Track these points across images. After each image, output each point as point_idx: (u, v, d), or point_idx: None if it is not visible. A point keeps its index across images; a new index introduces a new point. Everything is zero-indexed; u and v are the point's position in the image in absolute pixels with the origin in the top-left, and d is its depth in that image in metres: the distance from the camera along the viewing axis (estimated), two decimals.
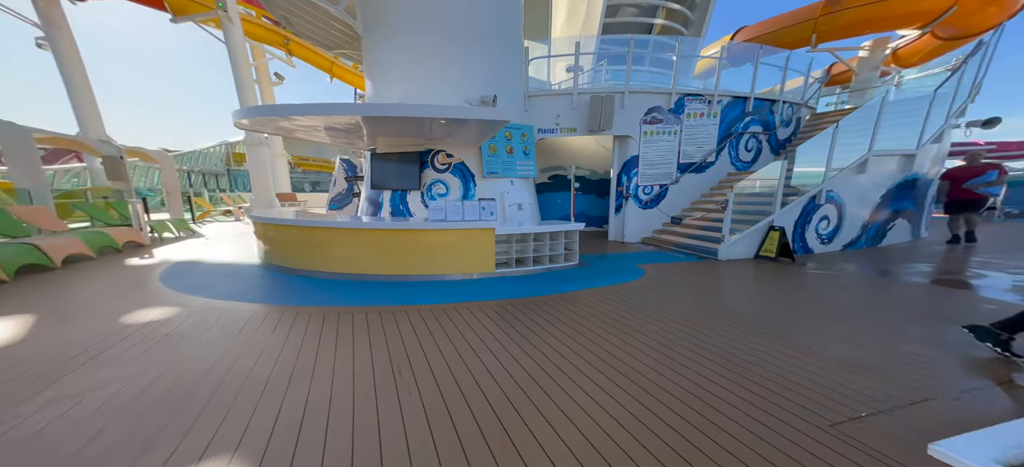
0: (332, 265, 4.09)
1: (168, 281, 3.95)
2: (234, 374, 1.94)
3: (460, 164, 5.45)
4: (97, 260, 5.01)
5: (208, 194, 17.62)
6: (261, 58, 14.07)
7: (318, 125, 4.73)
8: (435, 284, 3.83)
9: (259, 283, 3.91)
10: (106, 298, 3.29)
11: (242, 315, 2.86)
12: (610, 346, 2.35)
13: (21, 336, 2.43)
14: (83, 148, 8.36)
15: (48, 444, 1.40)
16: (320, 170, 25.29)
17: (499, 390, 1.83)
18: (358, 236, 4.01)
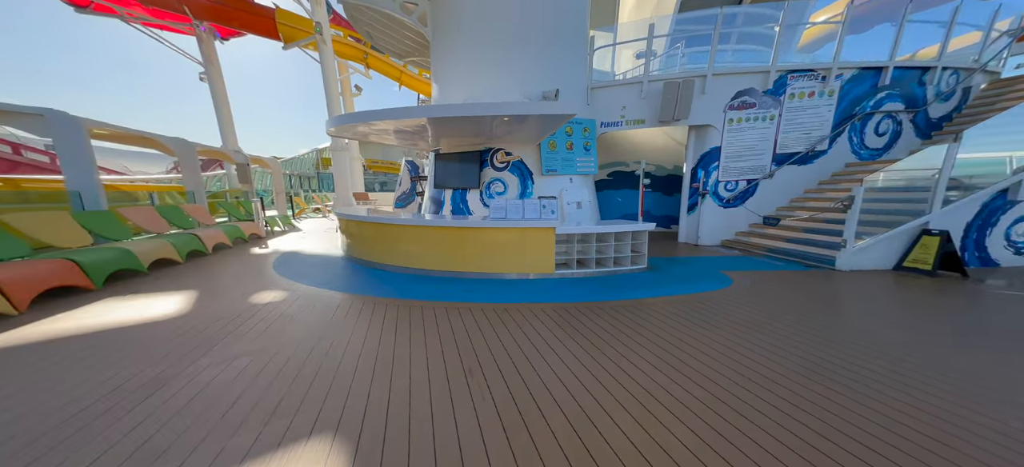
0: (402, 260, 4.36)
1: (279, 268, 4.66)
2: (330, 358, 2.13)
3: (518, 162, 5.37)
4: (232, 248, 6.19)
5: (303, 194, 20.97)
6: (345, 73, 16.06)
7: (391, 128, 5.09)
8: (495, 282, 3.81)
9: (343, 274, 4.35)
10: (239, 281, 3.99)
11: (332, 303, 3.19)
12: (692, 361, 2.04)
13: (190, 307, 3.07)
14: (224, 157, 10.50)
15: (208, 403, 1.68)
16: (387, 171, 28.16)
17: (570, 397, 1.72)
18: (424, 233, 4.20)
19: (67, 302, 3.11)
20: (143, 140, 6.41)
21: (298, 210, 15.96)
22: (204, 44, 12.70)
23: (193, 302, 3.16)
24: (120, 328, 2.55)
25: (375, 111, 4.38)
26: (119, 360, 2.07)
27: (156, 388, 1.78)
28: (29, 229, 3.68)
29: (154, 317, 2.79)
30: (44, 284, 3.05)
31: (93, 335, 2.43)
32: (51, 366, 2.00)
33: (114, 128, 5.45)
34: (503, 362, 2.07)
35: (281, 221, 9.91)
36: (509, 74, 5.28)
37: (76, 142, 4.72)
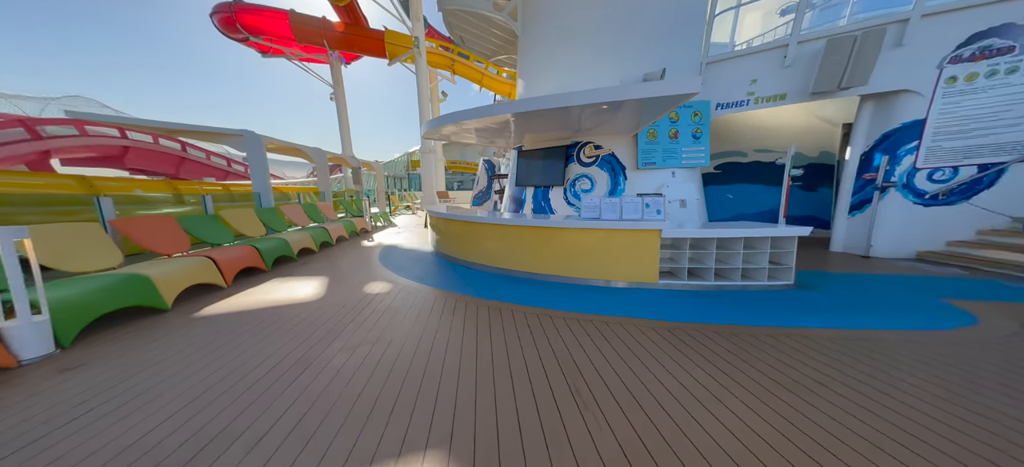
0: (487, 259, 4.39)
1: (383, 260, 5.25)
2: (435, 356, 2.17)
3: (609, 156, 4.82)
4: (349, 241, 7.32)
5: (397, 193, 24.19)
6: (434, 80, 17.78)
7: (479, 127, 5.15)
8: (586, 289, 3.47)
9: (434, 270, 4.64)
10: (355, 271, 4.61)
11: (429, 299, 3.37)
12: (913, 427, 1.32)
13: (323, 292, 3.66)
14: (344, 162, 12.68)
15: (341, 389, 1.84)
16: (464, 171, 30.40)
17: (715, 446, 1.33)
18: (510, 233, 4.10)
19: (250, 281, 3.99)
20: (293, 150, 8.06)
21: (393, 207, 18.36)
22: (334, 69, 15.67)
23: (325, 288, 3.73)
24: (281, 307, 3.12)
25: (468, 110, 4.46)
26: (281, 336, 2.49)
27: (304, 367, 2.04)
28: (233, 221, 4.89)
29: (301, 298, 3.34)
30: (241, 264, 3.96)
31: (266, 311, 3.02)
32: (242, 334, 2.52)
33: (278, 141, 6.96)
34: (615, 387, 1.77)
35: (382, 217, 11.43)
36: (604, 57, 4.79)
37: (258, 154, 6.14)
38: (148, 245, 3.46)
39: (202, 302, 3.18)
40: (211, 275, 3.51)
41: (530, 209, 5.75)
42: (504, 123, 4.79)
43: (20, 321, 1.92)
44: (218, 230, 4.50)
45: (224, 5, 13.66)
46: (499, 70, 17.07)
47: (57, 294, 2.20)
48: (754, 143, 6.27)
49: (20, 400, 1.69)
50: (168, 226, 3.84)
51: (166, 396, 1.74)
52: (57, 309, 2.13)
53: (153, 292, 2.82)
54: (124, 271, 2.79)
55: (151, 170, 10.54)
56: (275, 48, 14.99)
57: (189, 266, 3.29)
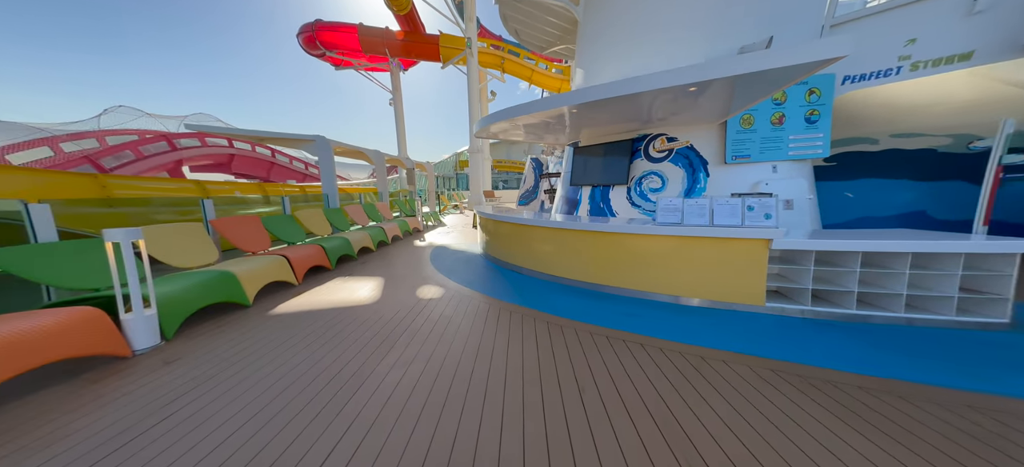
0: (541, 264, 4.09)
1: (434, 261, 5.29)
2: (494, 382, 1.95)
3: (686, 149, 4.12)
4: (403, 240, 7.65)
5: (446, 192, 25.31)
6: (483, 80, 18.07)
7: (533, 122, 4.83)
8: (664, 308, 2.95)
9: (485, 274, 4.49)
10: (409, 271, 4.69)
11: (482, 308, 3.20)
12: None
13: (379, 294, 3.74)
14: (399, 163, 13.51)
15: (396, 412, 1.72)
16: (508, 170, 30.59)
17: None
18: (567, 237, 3.75)
19: (317, 279, 4.28)
20: (357, 153, 8.69)
21: (442, 207, 19.16)
22: (393, 76, 16.88)
23: (382, 290, 3.80)
24: (342, 309, 3.21)
25: (525, 104, 4.17)
26: (341, 342, 2.50)
27: (360, 383, 1.96)
28: (305, 221, 5.36)
29: (360, 300, 3.42)
30: (310, 262, 4.27)
31: (329, 313, 3.13)
32: (308, 337, 2.60)
33: (344, 144, 7.54)
34: (736, 455, 1.30)
35: (433, 217, 11.88)
36: (685, 33, 4.09)
37: (327, 157, 6.70)
38: (237, 243, 3.90)
39: (276, 299, 3.45)
40: (285, 273, 3.81)
41: (586, 210, 5.30)
42: (560, 117, 4.43)
43: (135, 315, 2.19)
44: (293, 229, 4.95)
45: (307, 26, 15.55)
46: (550, 65, 16.63)
47: (162, 290, 2.50)
48: (890, 126, 4.77)
49: (135, 391, 1.88)
50: (253, 226, 4.30)
51: (242, 401, 1.78)
52: (163, 304, 2.40)
53: (239, 289, 3.11)
54: (217, 268, 3.13)
55: (250, 174, 12.53)
56: (345, 60, 16.65)
57: (267, 264, 3.60)
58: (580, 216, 5.31)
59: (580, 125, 4.88)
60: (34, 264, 2.12)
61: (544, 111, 3.98)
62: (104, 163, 8.20)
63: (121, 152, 8.39)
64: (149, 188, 4.96)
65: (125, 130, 9.03)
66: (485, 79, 17.82)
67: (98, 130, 8.96)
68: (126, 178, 4.68)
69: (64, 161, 7.63)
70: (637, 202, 4.42)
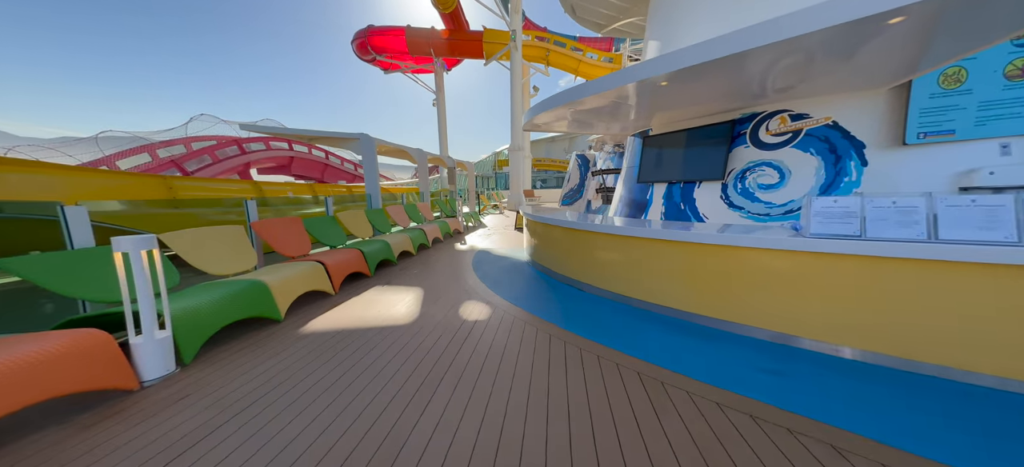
0: (608, 281, 3.28)
1: (477, 269, 4.75)
2: (555, 430, 1.24)
3: (825, 129, 2.94)
4: (443, 242, 7.30)
5: (486, 192, 25.17)
6: (526, 75, 17.45)
7: (598, 106, 4.01)
8: (827, 364, 1.96)
9: (534, 287, 3.83)
10: (450, 282, 4.19)
11: (534, 339, 2.53)
12: None
13: (418, 311, 3.29)
14: (441, 163, 13.45)
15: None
16: (547, 169, 29.62)
17: None
18: (652, 250, 2.88)
19: (354, 287, 3.94)
20: (399, 152, 8.57)
21: (482, 207, 18.92)
22: (437, 77, 17.05)
23: (420, 305, 3.31)
24: (379, 330, 2.75)
25: (591, 83, 3.36)
26: (377, 377, 1.98)
27: (398, 447, 1.41)
28: (347, 223, 5.16)
29: (398, 318, 2.94)
30: (348, 269, 3.96)
31: (365, 334, 2.68)
32: (341, 366, 2.13)
33: (387, 143, 7.39)
34: None
35: (473, 217, 11.53)
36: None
37: (370, 156, 6.55)
38: (278, 247, 3.69)
39: (310, 312, 3.11)
40: (321, 282, 3.51)
41: (660, 213, 4.32)
42: (625, 100, 3.56)
43: (146, 338, 1.89)
44: (334, 232, 4.74)
45: (360, 32, 16.33)
46: (599, 53, 15.42)
47: (183, 305, 2.21)
48: None
49: (135, 439, 1.52)
50: (295, 228, 4.11)
51: (254, 463, 1.33)
52: (181, 323, 2.10)
53: (270, 302, 2.80)
54: (249, 277, 2.86)
55: (307, 175, 13.47)
56: (393, 64, 17.20)
57: (303, 273, 3.30)
58: (650, 220, 4.35)
59: (652, 108, 3.93)
60: (52, 273, 1.92)
61: (617, 88, 3.14)
62: (187, 166, 9.27)
63: (201, 156, 9.44)
64: (211, 189, 5.14)
65: (205, 136, 10.21)
66: (527, 73, 17.15)
67: (186, 137, 10.23)
68: (191, 179, 4.87)
69: (156, 165, 8.78)
70: (738, 203, 3.35)
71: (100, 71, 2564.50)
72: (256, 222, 3.65)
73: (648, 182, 4.56)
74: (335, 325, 2.82)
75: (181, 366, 2.10)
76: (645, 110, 4.06)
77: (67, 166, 3.43)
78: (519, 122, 14.32)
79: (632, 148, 5.27)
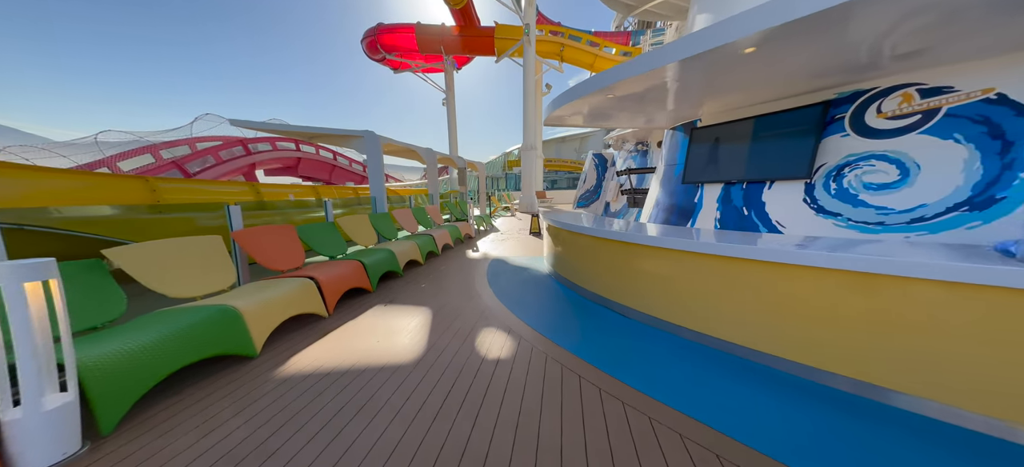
0: (660, 308, 2.59)
1: (493, 283, 4.12)
2: None
3: (985, 104, 2.06)
4: (453, 248, 6.70)
5: (496, 193, 24.58)
6: (539, 72, 16.83)
7: (636, 92, 3.32)
8: None
9: (562, 309, 3.19)
10: (463, 299, 3.58)
11: (588, 394, 1.86)
12: None
13: (426, 342, 2.70)
14: (451, 163, 12.91)
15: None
16: (557, 169, 28.92)
17: None
18: (747, 271, 2.16)
19: (353, 307, 3.35)
20: (408, 151, 8.03)
21: (492, 209, 18.31)
22: (447, 75, 16.60)
23: (430, 333, 2.68)
24: (378, 370, 2.13)
25: (633, 61, 2.67)
26: (370, 449, 1.33)
27: None
28: (348, 229, 4.61)
29: (403, 353, 2.32)
30: (346, 285, 3.38)
31: (361, 374, 2.07)
32: (329, 417, 1.52)
33: (394, 142, 6.85)
34: None
35: (484, 220, 10.93)
36: None
37: (376, 155, 6.01)
38: (264, 260, 3.13)
39: (296, 342, 2.51)
40: (312, 302, 2.92)
41: (713, 220, 3.58)
42: (672, 80, 2.87)
43: (28, 410, 1.29)
44: (333, 240, 4.18)
45: (370, 30, 16.05)
46: (616, 48, 14.68)
47: (106, 350, 1.62)
48: None
49: None
50: (286, 238, 3.55)
51: None
52: (98, 377, 1.51)
53: (241, 334, 2.22)
54: (214, 303, 2.29)
55: (315, 177, 13.17)
56: (403, 62, 16.85)
57: (290, 293, 2.72)
58: (699, 229, 3.62)
59: (706, 92, 3.20)
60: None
61: (678, 60, 2.44)
62: (189, 168, 9.04)
63: (205, 157, 9.21)
64: (201, 192, 4.67)
65: (210, 137, 9.99)
66: (540, 70, 16.50)
67: (190, 137, 10.05)
68: (178, 181, 4.40)
69: (159, 167, 8.55)
70: (830, 208, 2.59)
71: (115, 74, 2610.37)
72: (238, 231, 3.10)
73: (696, 183, 3.83)
74: (324, 362, 2.22)
75: (92, 441, 1.50)
76: (695, 95, 3.33)
77: (18, 165, 2.97)
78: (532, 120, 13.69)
79: (671, 143, 4.54)
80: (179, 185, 4.40)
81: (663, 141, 5.02)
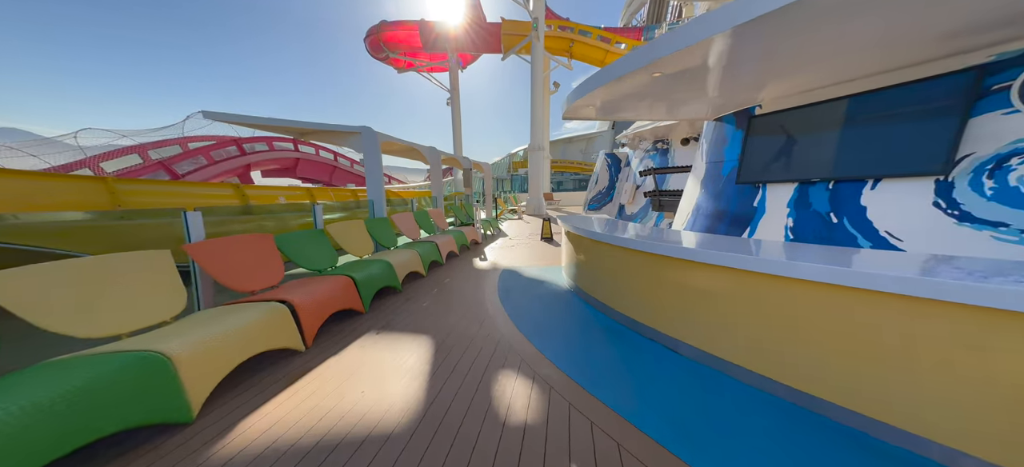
0: (759, 359, 1.91)
1: (507, 302, 3.49)
2: None
3: None
4: (459, 257, 6.07)
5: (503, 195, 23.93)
6: (546, 69, 16.26)
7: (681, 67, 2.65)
8: None
9: (599, 344, 2.54)
10: (473, 324, 2.97)
11: None
12: None
13: (427, 385, 2.07)
14: (456, 164, 12.34)
15: None
16: (563, 170, 28.27)
17: None
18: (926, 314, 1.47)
19: (339, 334, 2.74)
20: (409, 150, 7.45)
21: (499, 211, 17.67)
22: (452, 75, 16.09)
23: (430, 377, 2.03)
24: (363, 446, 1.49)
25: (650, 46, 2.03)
26: None
27: None
28: (340, 237, 4.01)
29: (396, 412, 1.66)
30: (330, 309, 2.77)
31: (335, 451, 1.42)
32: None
33: (394, 140, 6.28)
34: None
35: (491, 225, 10.32)
36: None
37: (374, 154, 5.43)
38: (226, 279, 2.53)
39: (253, 397, 1.87)
40: (284, 334, 2.30)
41: (782, 229, 2.89)
42: (734, 50, 2.24)
43: None
44: (320, 251, 3.56)
45: (373, 28, 15.62)
46: (628, 43, 14.02)
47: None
48: None
49: None
50: (261, 249, 2.95)
51: None
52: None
53: (169, 391, 1.60)
54: (134, 347, 1.68)
55: (314, 178, 12.72)
56: (408, 61, 16.40)
57: (254, 323, 2.10)
58: (760, 241, 2.96)
59: (769, 69, 2.56)
60: None
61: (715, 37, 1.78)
62: (179, 169, 8.59)
63: (196, 157, 8.77)
64: (173, 194, 4.11)
65: (204, 137, 9.56)
66: (547, 67, 15.91)
67: (182, 137, 9.62)
68: (145, 183, 3.85)
69: (143, 168, 8.11)
70: (983, 215, 1.88)
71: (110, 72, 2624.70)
72: (195, 244, 2.50)
73: (756, 183, 3.16)
74: (288, 428, 1.60)
75: None
76: (758, 73, 2.67)
77: None
78: (540, 119, 13.09)
79: (716, 137, 3.88)
80: (147, 187, 3.84)
81: (703, 135, 4.35)
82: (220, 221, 3.67)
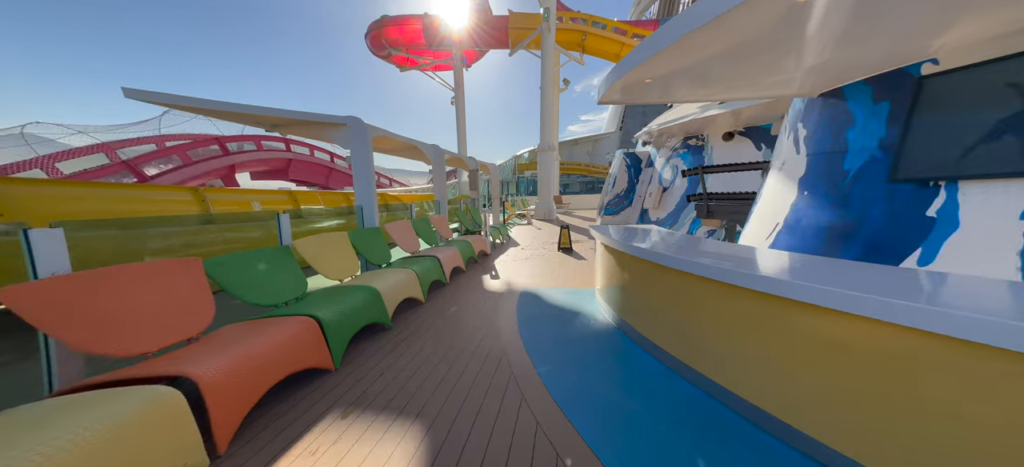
0: None
1: (532, 347, 2.47)
2: None
3: None
4: (466, 273, 5.09)
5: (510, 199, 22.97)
6: (556, 65, 15.35)
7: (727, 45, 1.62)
8: None
9: (685, 421, 1.52)
10: (486, 396, 1.97)
11: None
12: None
13: None
14: (461, 165, 11.40)
15: None
16: (569, 172, 27.39)
17: None
18: None
19: (279, 419, 1.73)
20: (408, 148, 6.50)
21: (506, 216, 16.67)
22: (457, 73, 15.25)
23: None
24: None
25: None
26: None
27: None
28: (314, 256, 3.03)
29: None
30: (270, 380, 1.76)
31: None
32: None
33: (390, 135, 5.33)
34: None
35: (500, 232, 9.34)
36: None
37: (363, 151, 4.48)
38: (88, 341, 1.54)
39: None
40: (167, 445, 1.31)
41: (1008, 254, 1.78)
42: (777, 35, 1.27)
43: None
44: (278, 279, 2.57)
45: (374, 24, 14.87)
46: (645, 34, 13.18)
47: None
48: None
49: None
50: (171, 284, 1.96)
51: None
52: None
53: None
54: None
55: (308, 181, 11.86)
56: (411, 59, 15.62)
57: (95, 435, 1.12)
58: (946, 274, 1.93)
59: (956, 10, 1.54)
60: None
61: None
62: (146, 170, 7.72)
63: (170, 156, 7.90)
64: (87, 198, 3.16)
65: (182, 135, 8.69)
66: (557, 63, 14.99)
67: (159, 134, 8.76)
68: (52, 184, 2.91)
69: (106, 168, 7.25)
70: None
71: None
72: (41, 282, 1.53)
73: (935, 180, 2.11)
74: None
75: None
76: (880, 19, 1.64)
77: None
78: (550, 117, 12.15)
79: (829, 116, 2.84)
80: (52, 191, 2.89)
81: (791, 119, 3.30)
82: (135, 237, 2.70)
